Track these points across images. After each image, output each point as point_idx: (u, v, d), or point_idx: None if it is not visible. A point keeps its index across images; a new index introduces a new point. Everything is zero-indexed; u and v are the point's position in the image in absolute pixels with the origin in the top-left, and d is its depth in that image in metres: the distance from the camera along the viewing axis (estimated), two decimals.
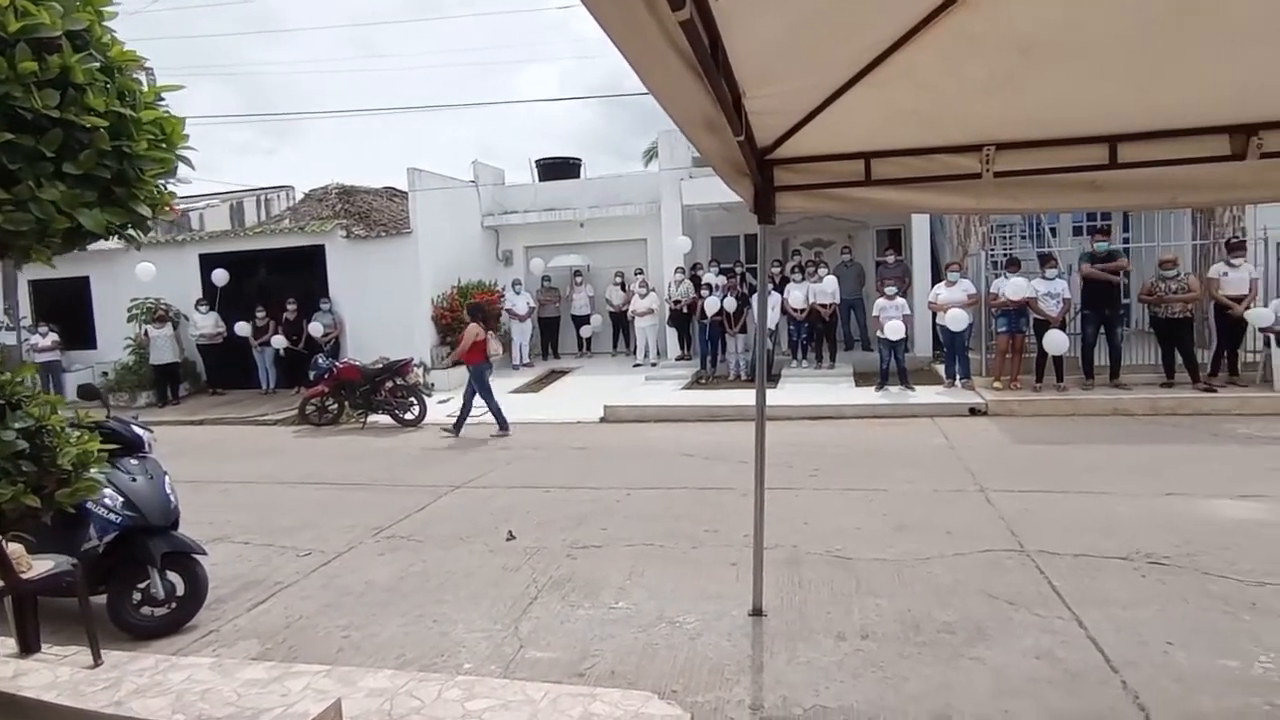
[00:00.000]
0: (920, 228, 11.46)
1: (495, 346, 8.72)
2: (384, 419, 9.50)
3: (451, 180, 13.42)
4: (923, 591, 3.75)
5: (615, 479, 6.19)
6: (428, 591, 4.12)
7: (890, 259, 11.19)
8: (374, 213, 13.90)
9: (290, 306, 11.95)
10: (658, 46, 1.64)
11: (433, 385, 11.42)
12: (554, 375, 12.49)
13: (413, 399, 9.45)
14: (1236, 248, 8.45)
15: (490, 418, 8.30)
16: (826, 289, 10.34)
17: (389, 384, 9.42)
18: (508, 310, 13.23)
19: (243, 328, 11.78)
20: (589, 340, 13.97)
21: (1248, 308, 8.10)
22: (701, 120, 2.28)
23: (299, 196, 15.09)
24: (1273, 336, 8.11)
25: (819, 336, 10.64)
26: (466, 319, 8.72)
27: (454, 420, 8.59)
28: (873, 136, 3.25)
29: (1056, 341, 8.25)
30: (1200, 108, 2.94)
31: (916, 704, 2.82)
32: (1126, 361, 8.75)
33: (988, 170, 3.21)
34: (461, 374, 12.04)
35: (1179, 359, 8.41)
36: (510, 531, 4.94)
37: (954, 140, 3.21)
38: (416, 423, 9.32)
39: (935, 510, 5.01)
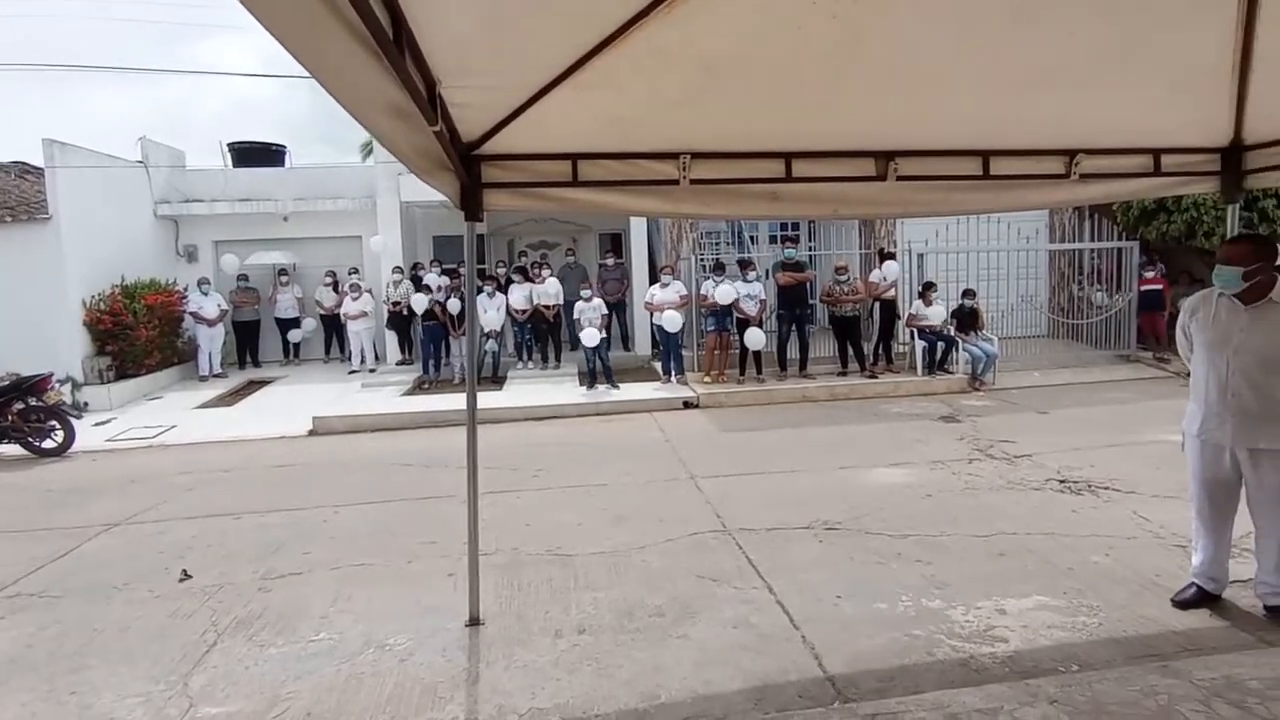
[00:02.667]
0: (638, 232, 12.19)
1: None
2: (14, 449, 7.70)
3: (110, 159, 11.35)
4: (637, 579, 3.96)
5: (322, 497, 5.67)
6: (64, 658, 3.39)
7: (610, 261, 11.79)
8: None
9: None
10: (314, 13, 1.48)
11: (85, 405, 9.55)
12: (253, 386, 11.15)
13: (54, 423, 7.78)
14: (889, 256, 10.32)
15: (167, 436, 7.13)
16: (550, 290, 10.56)
17: (18, 406, 7.66)
18: (192, 314, 11.53)
19: None
20: (297, 346, 12.73)
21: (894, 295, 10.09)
22: (384, 106, 2.13)
23: None
24: (914, 330, 10.00)
25: (544, 337, 10.84)
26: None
27: None
28: (579, 139, 3.35)
29: (755, 338, 9.33)
30: (853, 134, 3.48)
31: (629, 689, 2.96)
32: (813, 354, 10.16)
33: (684, 177, 3.48)
34: (125, 390, 10.25)
35: (851, 351, 10.01)
36: (184, 571, 4.27)
37: (654, 147, 3.44)
38: (61, 451, 7.69)
39: (650, 500, 5.34)
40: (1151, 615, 3.41)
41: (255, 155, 14.18)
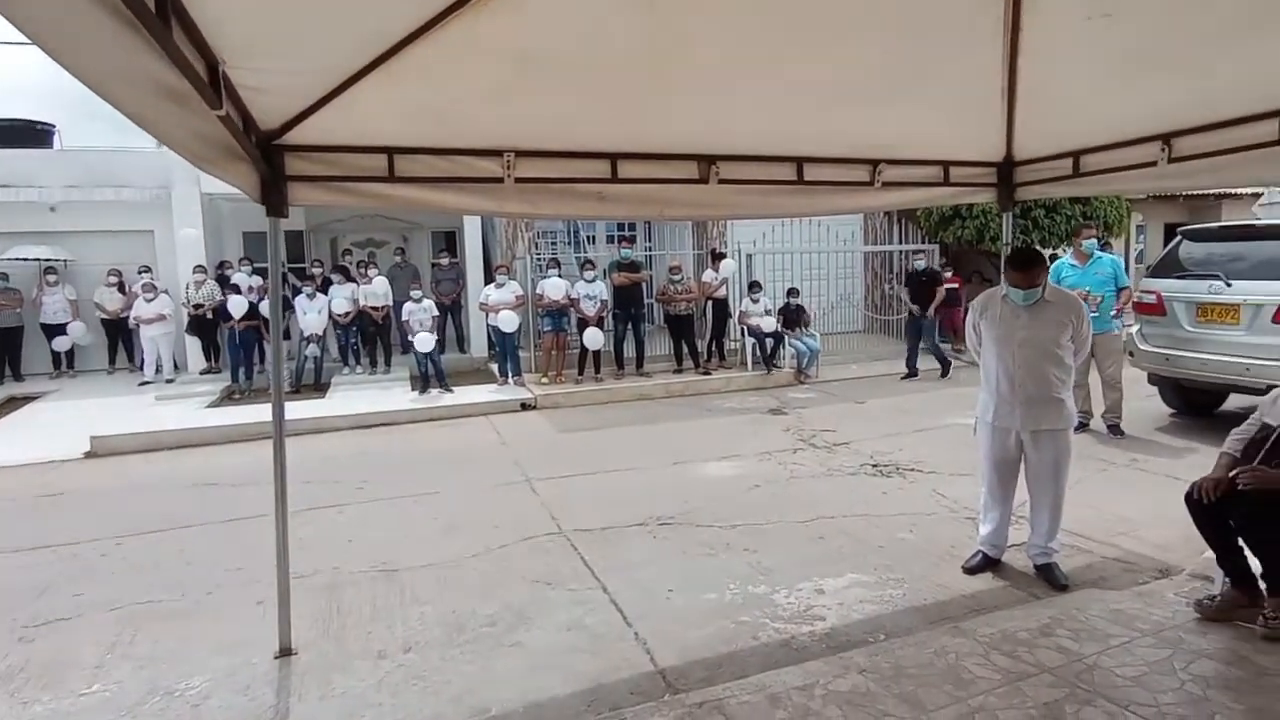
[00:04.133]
0: (473, 230, 11.93)
1: None
2: None
3: None
4: (469, 589, 3.87)
5: (101, 528, 5.02)
6: None
7: (445, 261, 11.46)
8: None
9: None
10: None
11: None
12: (14, 403, 9.69)
13: None
14: (720, 256, 10.80)
15: None
16: (378, 290, 10.07)
17: None
18: None
19: None
20: (70, 355, 11.22)
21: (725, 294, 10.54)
22: (150, 86, 1.91)
23: None
24: (745, 328, 10.53)
25: (371, 340, 10.33)
26: None
27: None
28: (397, 132, 3.23)
29: (594, 338, 9.43)
30: (676, 138, 3.60)
31: (457, 705, 2.87)
32: (649, 353, 10.43)
33: (509, 175, 3.44)
34: None
35: (686, 348, 10.38)
36: None
37: (476, 144, 3.38)
38: None
39: (484, 506, 5.23)
40: (946, 582, 3.81)
41: (13, 134, 12.35)
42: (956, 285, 12.46)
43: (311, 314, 9.71)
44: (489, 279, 10.49)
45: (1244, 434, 3.23)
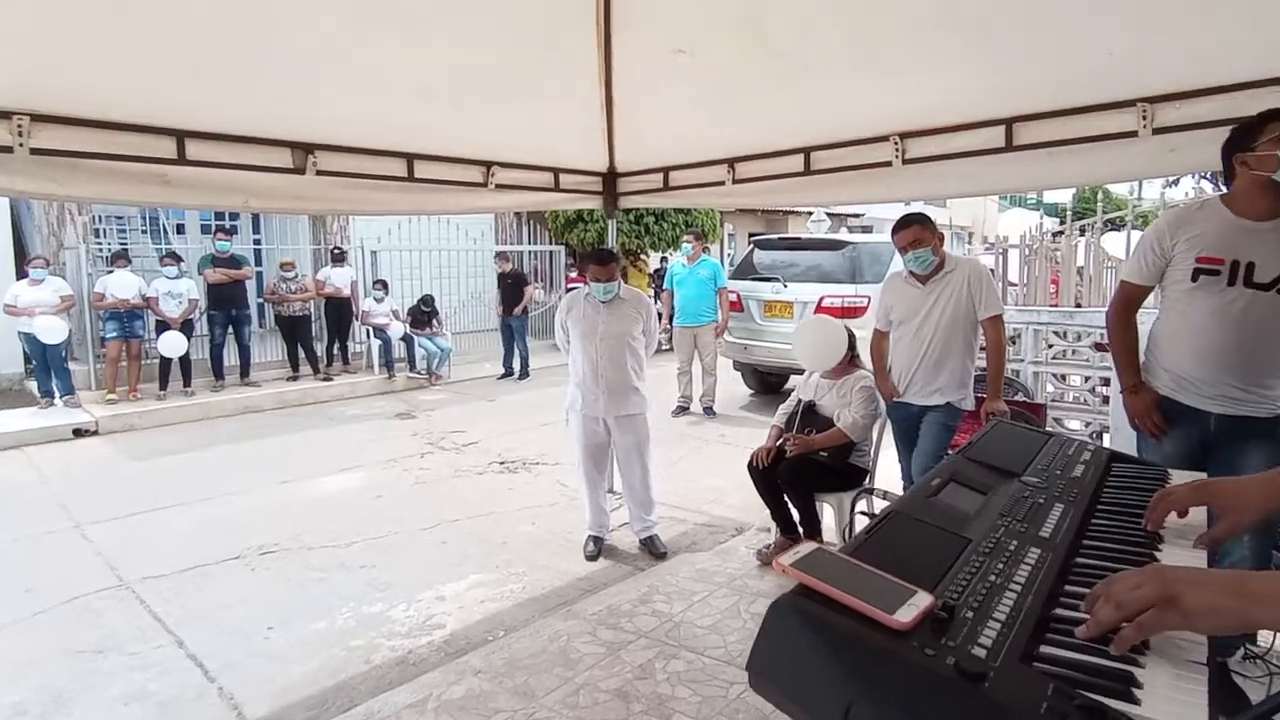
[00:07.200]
0: None
1: None
2: None
3: None
4: None
5: None
6: None
7: None
8: None
9: None
10: None
11: None
12: None
13: None
14: (339, 256, 10.10)
15: None
16: None
17: None
18: None
19: None
20: None
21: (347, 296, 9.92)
22: None
23: None
24: (371, 329, 10.03)
25: None
26: None
27: None
28: None
29: (171, 343, 8.09)
30: (264, 120, 3.22)
31: None
32: (257, 359, 9.35)
33: (21, 144, 2.74)
34: None
35: (303, 353, 9.52)
36: None
37: None
38: None
39: (9, 567, 4.15)
40: (564, 568, 4.04)
41: None
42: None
43: None
44: (22, 274, 8.39)
45: (787, 408, 3.98)
